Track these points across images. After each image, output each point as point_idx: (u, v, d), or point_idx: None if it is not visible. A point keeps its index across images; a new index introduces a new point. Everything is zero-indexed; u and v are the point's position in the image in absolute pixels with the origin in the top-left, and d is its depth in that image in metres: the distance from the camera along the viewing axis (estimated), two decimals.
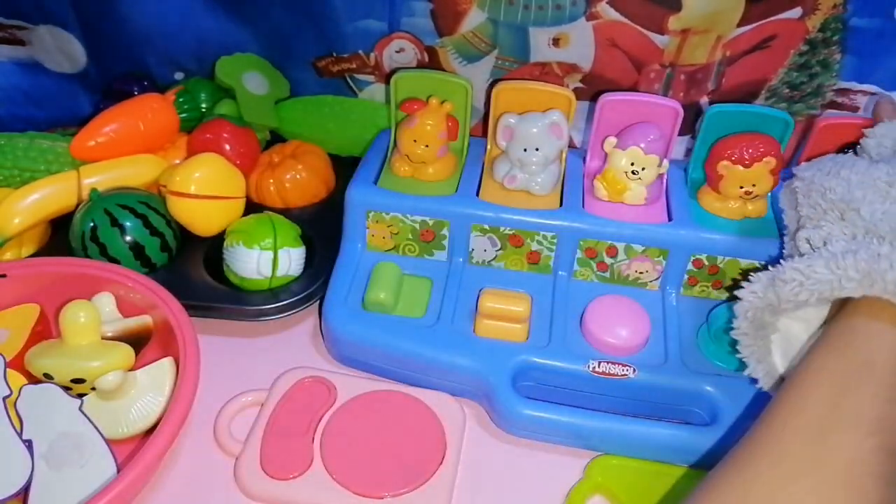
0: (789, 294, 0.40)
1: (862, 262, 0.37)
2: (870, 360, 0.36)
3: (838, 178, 0.44)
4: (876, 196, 0.42)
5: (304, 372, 0.51)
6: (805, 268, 0.39)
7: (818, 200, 0.45)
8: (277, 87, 0.69)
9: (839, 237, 0.42)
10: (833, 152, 0.53)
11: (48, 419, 0.44)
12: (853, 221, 0.42)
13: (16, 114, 0.72)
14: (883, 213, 0.41)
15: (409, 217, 0.55)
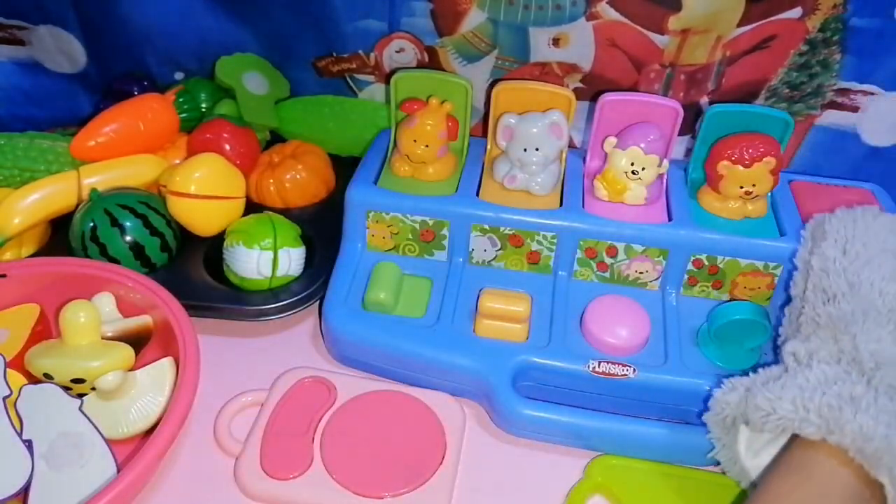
0: (757, 420, 0.40)
1: (825, 407, 0.37)
2: (825, 493, 0.36)
3: (850, 284, 0.42)
4: (879, 324, 0.41)
5: (304, 372, 0.51)
6: (775, 398, 0.39)
7: (817, 307, 0.44)
8: (277, 87, 0.69)
9: (823, 359, 0.41)
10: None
11: (48, 419, 0.44)
12: (843, 346, 0.41)
13: (16, 114, 0.72)
14: (876, 344, 0.40)
15: (409, 217, 0.55)
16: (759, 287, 0.53)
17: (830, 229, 0.47)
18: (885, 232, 0.46)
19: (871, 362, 0.40)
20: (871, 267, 0.43)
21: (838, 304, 0.42)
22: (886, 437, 0.36)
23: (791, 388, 0.39)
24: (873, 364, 0.40)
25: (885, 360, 0.40)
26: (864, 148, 0.60)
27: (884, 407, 0.37)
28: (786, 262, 0.51)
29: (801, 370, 0.41)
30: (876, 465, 0.35)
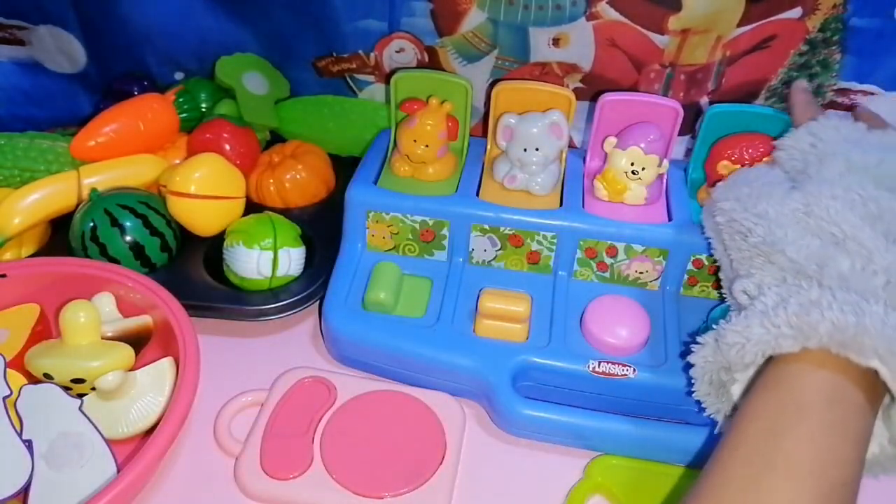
0: (736, 357, 0.40)
1: (793, 316, 0.38)
2: (802, 402, 0.36)
3: (757, 215, 0.44)
4: (797, 232, 0.42)
5: (304, 372, 0.51)
6: (744, 329, 0.39)
7: (741, 245, 0.45)
8: (277, 87, 0.69)
9: (770, 284, 0.42)
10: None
11: (48, 419, 0.44)
12: (780, 264, 0.42)
13: (16, 114, 0.72)
14: (807, 249, 0.41)
15: (409, 217, 0.55)
16: None
17: (718, 194, 0.49)
18: (760, 175, 0.48)
19: (812, 265, 0.41)
20: (762, 199, 0.45)
21: (756, 233, 0.44)
22: (859, 323, 0.36)
23: (754, 315, 0.40)
24: (815, 266, 0.41)
25: (821, 259, 0.41)
26: None
27: (843, 299, 0.38)
28: None
29: (757, 300, 0.41)
30: (860, 351, 0.36)
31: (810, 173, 0.46)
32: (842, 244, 0.41)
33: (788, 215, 0.43)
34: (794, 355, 0.38)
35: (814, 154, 0.47)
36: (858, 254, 0.40)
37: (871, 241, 0.40)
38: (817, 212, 0.42)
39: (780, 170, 0.49)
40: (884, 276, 0.39)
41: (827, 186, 0.43)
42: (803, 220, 0.43)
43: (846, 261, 0.40)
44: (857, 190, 0.42)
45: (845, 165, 0.44)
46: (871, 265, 0.40)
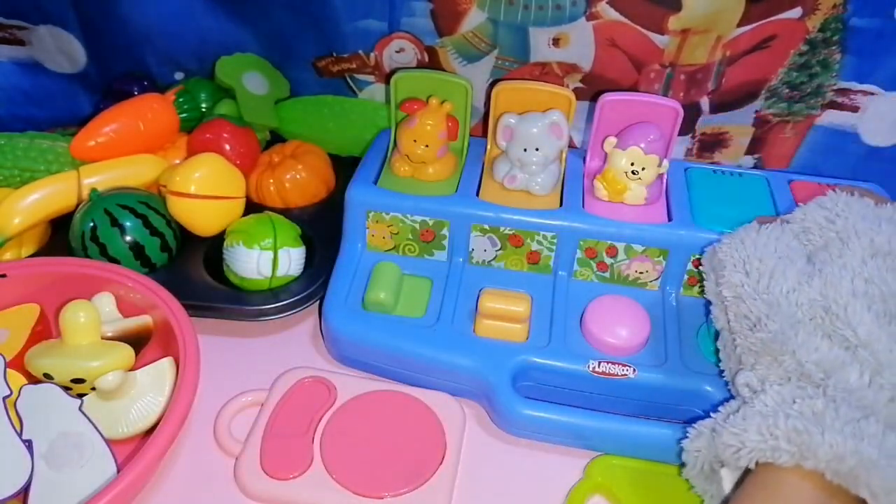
0: (730, 458, 0.39)
1: (793, 433, 0.36)
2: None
3: (768, 304, 0.42)
4: (809, 332, 0.41)
5: (304, 372, 0.51)
6: (741, 431, 0.38)
7: (748, 334, 0.43)
8: (277, 87, 0.69)
9: (774, 381, 0.41)
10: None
11: (48, 419, 0.44)
12: (787, 366, 0.41)
13: (16, 114, 0.72)
14: (816, 353, 0.40)
15: (409, 217, 0.55)
16: None
17: (725, 257, 0.47)
18: (772, 241, 0.46)
19: (820, 373, 0.40)
20: (776, 280, 0.43)
21: (766, 327, 0.42)
22: (857, 452, 0.35)
23: (753, 417, 0.39)
24: (822, 374, 0.40)
25: (830, 367, 0.40)
26: (864, 148, 0.60)
27: (846, 416, 0.37)
28: None
29: (757, 397, 0.40)
30: (853, 484, 0.35)
31: (831, 253, 0.44)
32: (853, 350, 0.40)
33: (804, 309, 0.42)
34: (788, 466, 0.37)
35: (833, 231, 0.45)
36: (868, 364, 0.39)
37: (884, 353, 0.39)
38: (834, 309, 0.41)
39: (796, 239, 0.46)
40: (890, 392, 0.38)
41: (848, 276, 0.42)
42: (819, 316, 0.41)
43: (855, 372, 0.39)
44: (880, 284, 0.41)
45: (870, 249, 0.43)
46: (880, 378, 0.39)
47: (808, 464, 0.36)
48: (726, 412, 0.41)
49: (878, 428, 0.37)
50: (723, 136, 0.63)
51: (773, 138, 0.62)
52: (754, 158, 0.64)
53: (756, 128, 0.62)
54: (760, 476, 0.38)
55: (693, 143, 0.64)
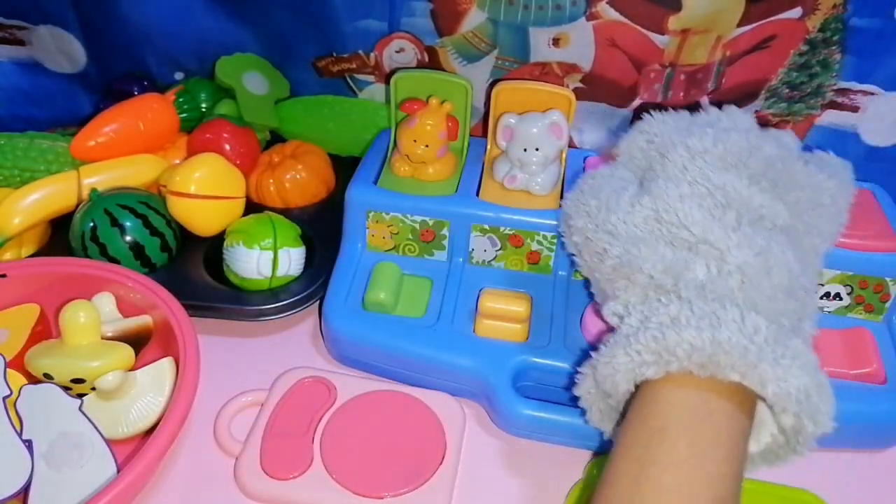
0: (611, 389, 0.39)
1: (652, 341, 0.37)
2: (665, 426, 0.35)
3: (609, 233, 0.44)
4: (650, 245, 0.42)
5: (304, 372, 0.51)
6: (610, 358, 0.39)
7: (601, 267, 0.44)
8: (277, 87, 0.69)
9: (635, 302, 0.42)
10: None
11: (48, 419, 0.44)
12: (641, 283, 0.42)
13: (16, 114, 0.72)
14: (662, 262, 0.41)
15: (409, 217, 0.55)
16: None
17: (568, 208, 0.49)
18: (605, 179, 0.48)
19: (669, 279, 0.40)
20: (611, 210, 0.44)
21: (611, 254, 0.43)
22: (715, 340, 0.36)
23: (619, 342, 0.39)
24: (672, 279, 0.40)
25: (677, 270, 0.40)
26: (864, 148, 0.60)
27: (701, 311, 0.38)
28: None
29: (624, 322, 0.41)
30: (720, 370, 0.36)
31: (656, 170, 0.46)
32: (695, 248, 0.41)
33: (640, 226, 0.43)
34: (660, 378, 0.37)
35: (654, 149, 0.47)
36: (712, 256, 0.40)
37: (722, 241, 0.40)
38: (667, 217, 0.42)
39: (625, 169, 0.49)
40: (738, 275, 0.39)
41: (673, 185, 0.43)
42: (655, 228, 0.42)
43: (701, 267, 0.40)
44: (703, 182, 0.43)
45: (687, 154, 0.44)
46: (725, 265, 0.40)
47: (672, 367, 0.36)
48: (602, 345, 0.42)
49: (735, 312, 0.37)
50: None
51: None
52: None
53: None
54: (640, 397, 0.38)
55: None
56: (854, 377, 0.49)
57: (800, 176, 0.45)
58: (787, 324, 0.39)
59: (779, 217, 0.42)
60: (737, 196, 0.42)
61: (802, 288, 0.41)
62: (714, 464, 0.34)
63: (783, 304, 0.39)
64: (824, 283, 0.52)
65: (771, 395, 0.35)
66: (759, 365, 0.35)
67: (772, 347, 0.36)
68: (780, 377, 0.35)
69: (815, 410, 0.36)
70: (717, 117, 0.48)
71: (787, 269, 0.40)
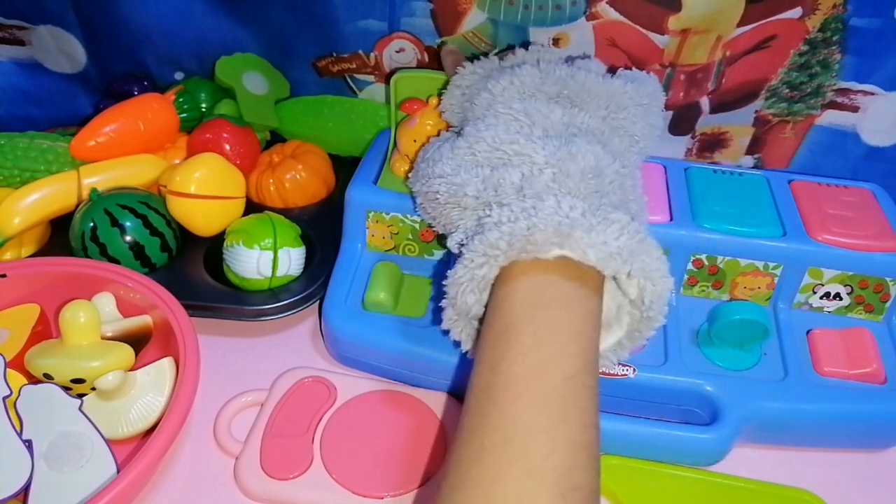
0: (465, 306, 0.40)
1: (479, 245, 0.39)
2: (509, 321, 0.36)
3: (437, 176, 0.46)
4: (470, 172, 0.44)
5: (304, 372, 0.51)
6: (454, 278, 0.41)
7: (438, 209, 0.47)
8: (277, 87, 0.69)
9: (469, 228, 0.44)
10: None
11: (48, 419, 0.44)
12: (471, 207, 0.44)
13: (16, 114, 0.72)
14: (482, 182, 0.43)
15: (409, 217, 0.55)
16: (759, 287, 0.53)
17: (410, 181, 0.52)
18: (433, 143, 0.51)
19: (490, 192, 0.42)
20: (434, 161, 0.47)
21: (442, 193, 0.45)
22: (531, 225, 0.37)
23: (460, 264, 0.40)
24: (492, 192, 0.42)
25: (496, 182, 0.42)
26: (864, 148, 0.60)
27: (520, 208, 0.39)
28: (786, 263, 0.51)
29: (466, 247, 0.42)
30: (539, 249, 0.37)
31: (468, 117, 0.49)
32: (509, 162, 0.43)
33: (459, 162, 0.45)
34: (500, 280, 0.39)
35: (465, 100, 0.51)
36: (523, 162, 0.43)
37: (529, 147, 0.43)
38: (478, 147, 0.45)
39: (450, 131, 0.52)
40: (549, 170, 0.42)
41: (480, 121, 0.46)
42: (472, 159, 0.45)
43: (516, 173, 0.42)
44: (505, 111, 0.46)
45: (489, 96, 0.48)
46: (536, 165, 0.42)
47: (500, 260, 0.38)
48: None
49: (552, 200, 0.39)
50: (723, 136, 0.63)
51: (773, 138, 0.62)
52: (754, 158, 0.64)
53: (756, 128, 0.62)
54: (489, 306, 0.39)
55: (693, 143, 0.64)
56: (854, 377, 0.49)
57: (596, 87, 0.47)
58: (606, 202, 0.41)
59: (582, 123, 0.45)
60: (538, 114, 0.45)
61: (616, 172, 0.43)
62: (558, 345, 0.35)
63: (596, 183, 0.42)
64: (824, 283, 0.52)
65: (594, 259, 0.36)
66: (574, 233, 0.37)
67: (588, 219, 0.38)
68: (598, 241, 0.37)
69: (644, 267, 0.37)
70: (522, 57, 0.52)
71: (592, 153, 0.42)
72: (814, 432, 0.49)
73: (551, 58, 0.51)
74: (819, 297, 0.52)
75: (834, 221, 0.52)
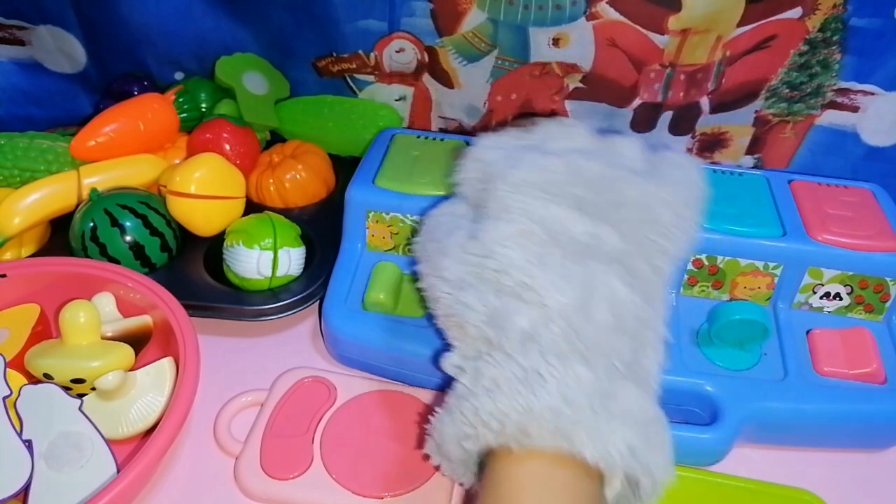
0: (447, 454, 0.38)
1: (470, 413, 0.35)
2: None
3: (442, 279, 0.42)
4: (477, 292, 0.39)
5: (304, 372, 0.51)
6: (441, 426, 0.38)
7: (437, 313, 0.43)
8: (277, 87, 0.69)
9: (468, 354, 0.40)
10: None
11: (48, 419, 0.44)
12: (471, 334, 0.39)
13: (16, 114, 0.72)
14: (486, 314, 0.39)
15: (409, 217, 0.55)
16: (759, 287, 0.53)
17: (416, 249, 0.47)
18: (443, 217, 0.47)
19: (493, 330, 0.38)
20: (443, 253, 0.43)
21: (443, 302, 0.42)
22: (526, 407, 0.34)
23: (451, 406, 0.37)
24: (496, 331, 0.38)
25: (501, 320, 0.38)
26: (864, 148, 0.60)
27: (521, 372, 0.36)
28: (786, 263, 0.51)
29: (460, 381, 0.39)
30: (532, 441, 0.34)
31: (485, 206, 0.43)
32: (518, 294, 0.38)
33: (467, 271, 0.41)
34: (496, 452, 0.35)
35: (483, 183, 0.44)
36: (534, 301, 0.38)
37: (542, 285, 0.38)
38: (489, 263, 0.39)
39: (463, 203, 0.46)
40: (560, 322, 0.37)
41: (494, 225, 0.41)
42: (480, 273, 0.40)
43: (524, 317, 0.37)
44: (524, 219, 0.40)
45: (507, 188, 0.42)
46: (546, 310, 0.37)
47: (489, 440, 0.35)
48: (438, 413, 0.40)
49: (557, 367, 0.35)
50: (723, 136, 0.63)
51: (773, 138, 0.62)
52: (754, 158, 0.64)
53: (756, 128, 0.62)
54: (486, 468, 0.36)
55: (693, 143, 0.64)
56: (854, 377, 0.49)
57: (629, 191, 0.42)
58: (619, 364, 0.37)
59: (605, 243, 0.40)
60: (558, 228, 0.40)
61: (636, 319, 0.38)
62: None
63: (611, 343, 0.37)
64: (824, 283, 0.52)
65: (590, 458, 0.33)
66: (573, 429, 0.33)
67: (592, 403, 0.34)
68: (599, 438, 0.33)
69: (645, 465, 0.34)
70: (547, 135, 0.46)
71: (611, 304, 0.38)
72: (814, 432, 0.49)
73: (581, 141, 0.45)
74: (819, 297, 0.52)
75: (834, 221, 0.52)
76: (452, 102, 0.65)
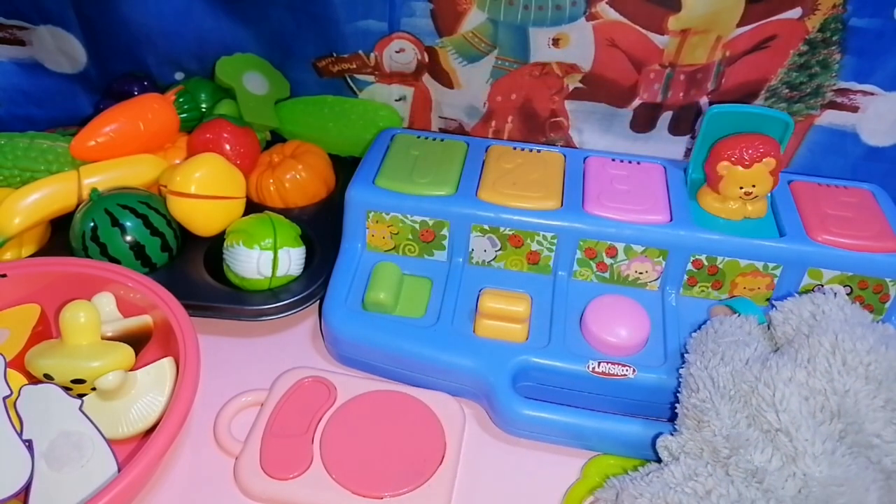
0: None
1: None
2: None
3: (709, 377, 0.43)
4: (732, 409, 0.41)
5: (304, 372, 0.51)
6: (637, 496, 0.40)
7: (685, 400, 0.44)
8: (277, 87, 0.69)
9: (691, 452, 0.42)
10: None
11: (48, 419, 0.44)
12: (705, 437, 0.41)
13: (16, 114, 0.72)
14: (729, 429, 0.40)
15: (409, 217, 0.55)
16: (759, 287, 0.53)
17: (691, 342, 0.48)
18: (734, 328, 0.47)
19: (726, 449, 0.40)
20: (723, 361, 0.44)
21: (697, 394, 0.43)
22: None
23: (655, 484, 0.39)
24: (727, 451, 0.40)
25: (738, 443, 0.40)
26: (864, 148, 0.60)
27: (736, 498, 0.38)
28: (785, 263, 0.51)
29: (670, 465, 0.41)
30: None
31: (793, 345, 0.43)
32: (771, 434, 0.39)
33: (738, 387, 0.42)
34: None
35: (806, 326, 0.44)
36: (783, 449, 0.39)
37: (805, 442, 0.38)
38: (762, 390, 0.40)
39: (767, 331, 0.47)
40: (800, 484, 0.37)
41: (791, 366, 0.41)
42: (747, 396, 0.41)
43: (763, 454, 0.39)
44: (824, 380, 0.40)
45: (829, 346, 0.41)
46: (793, 467, 0.38)
47: None
48: (642, 472, 0.42)
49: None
50: None
51: None
52: None
53: None
54: None
55: (693, 143, 0.64)
56: None
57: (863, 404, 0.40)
58: None
59: (889, 456, 0.38)
60: (854, 413, 0.39)
61: None
62: None
63: None
64: (824, 284, 0.52)
65: None
66: None
67: None
68: None
69: None
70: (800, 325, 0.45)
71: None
72: None
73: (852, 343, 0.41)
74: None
75: (833, 222, 0.53)
76: (452, 102, 0.65)
